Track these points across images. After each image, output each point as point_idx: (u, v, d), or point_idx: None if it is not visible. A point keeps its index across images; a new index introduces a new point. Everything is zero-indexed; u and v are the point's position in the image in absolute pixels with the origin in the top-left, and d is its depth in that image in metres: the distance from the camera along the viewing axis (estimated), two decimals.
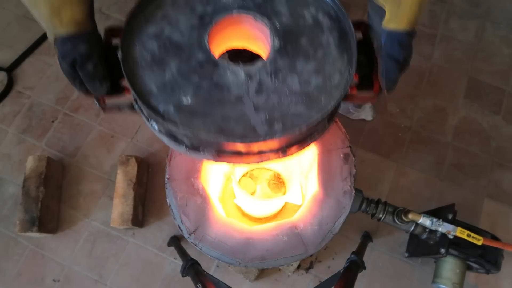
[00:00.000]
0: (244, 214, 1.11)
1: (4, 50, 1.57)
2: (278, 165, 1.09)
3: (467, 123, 1.43)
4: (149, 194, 1.34)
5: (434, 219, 0.87)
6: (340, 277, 0.84)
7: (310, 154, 0.89)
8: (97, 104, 0.59)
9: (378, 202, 0.91)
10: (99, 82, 0.54)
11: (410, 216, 0.87)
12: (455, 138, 1.40)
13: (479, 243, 0.88)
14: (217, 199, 1.00)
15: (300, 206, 0.88)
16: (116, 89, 0.58)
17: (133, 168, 1.26)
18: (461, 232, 0.87)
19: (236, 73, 0.54)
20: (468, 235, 0.87)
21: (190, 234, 0.78)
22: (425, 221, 0.88)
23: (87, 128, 1.43)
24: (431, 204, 1.30)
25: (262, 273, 1.22)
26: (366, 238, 1.22)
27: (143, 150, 1.40)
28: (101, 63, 0.54)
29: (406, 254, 1.16)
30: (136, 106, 0.59)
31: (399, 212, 0.90)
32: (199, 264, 0.91)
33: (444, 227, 0.87)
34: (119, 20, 1.62)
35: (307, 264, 1.24)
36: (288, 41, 0.55)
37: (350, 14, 0.57)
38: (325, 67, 0.55)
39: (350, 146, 0.82)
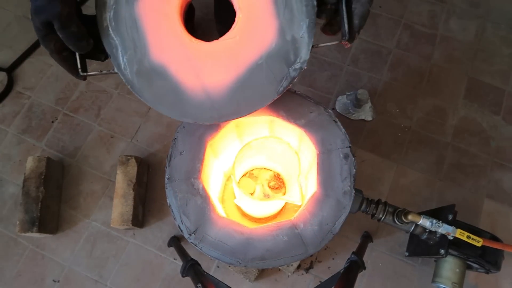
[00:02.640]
0: (244, 214, 1.11)
1: (4, 50, 1.57)
2: (278, 165, 1.09)
3: (467, 123, 1.43)
4: (149, 194, 1.34)
5: (434, 221, 0.87)
6: (340, 277, 0.84)
7: (310, 154, 0.89)
8: (78, 69, 0.60)
9: (378, 202, 0.91)
10: (85, 40, 0.55)
11: (410, 217, 0.87)
12: (455, 138, 1.40)
13: (479, 244, 0.88)
14: (217, 199, 1.00)
15: (300, 206, 0.88)
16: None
17: (133, 168, 1.27)
18: (461, 234, 0.87)
19: None
20: (468, 237, 0.87)
21: (190, 235, 0.78)
22: (425, 222, 0.88)
23: (87, 128, 1.43)
24: (431, 204, 1.30)
25: (262, 273, 1.22)
26: (366, 238, 1.22)
27: (143, 150, 1.40)
28: (80, 20, 0.54)
29: (406, 254, 1.17)
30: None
31: (399, 213, 0.90)
32: (199, 264, 0.91)
33: (443, 229, 0.87)
34: None
35: (307, 264, 1.24)
36: None
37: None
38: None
39: (350, 146, 0.82)
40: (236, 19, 0.63)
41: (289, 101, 0.87)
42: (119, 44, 0.62)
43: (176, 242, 1.21)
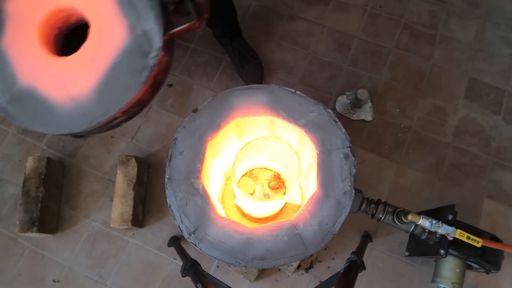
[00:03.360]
0: (244, 214, 1.11)
1: None
2: (278, 165, 1.09)
3: (467, 123, 1.43)
4: (149, 194, 1.34)
5: (434, 221, 0.87)
6: (340, 277, 0.84)
7: (310, 154, 0.89)
8: None
9: (378, 202, 0.90)
10: None
11: (410, 217, 0.87)
12: (455, 138, 1.40)
13: (479, 245, 0.87)
14: (217, 199, 1.00)
15: (300, 206, 0.88)
16: None
17: (133, 169, 1.26)
18: (460, 234, 0.87)
19: None
20: (468, 237, 0.87)
21: (190, 234, 0.78)
22: (425, 222, 0.87)
23: None
24: (431, 204, 1.30)
25: (262, 273, 1.22)
26: (366, 238, 1.22)
27: (143, 150, 1.40)
28: None
29: (406, 253, 1.16)
30: None
31: (398, 213, 0.90)
32: (199, 264, 0.91)
33: (443, 229, 0.87)
34: None
35: (307, 264, 1.24)
36: None
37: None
38: None
39: (350, 146, 0.82)
40: (89, 30, 0.72)
41: (289, 101, 0.87)
42: None
43: (176, 242, 1.21)
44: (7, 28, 0.74)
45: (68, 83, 0.71)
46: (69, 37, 0.78)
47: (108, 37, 0.72)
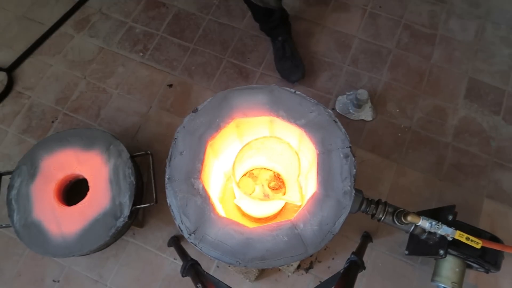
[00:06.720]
0: (244, 215, 1.11)
1: (4, 50, 1.57)
2: (278, 165, 1.09)
3: (467, 123, 1.43)
4: (149, 194, 1.34)
5: (433, 222, 0.87)
6: (340, 277, 0.84)
7: (310, 154, 0.89)
8: None
9: (378, 202, 0.90)
10: None
11: (409, 218, 0.87)
12: (455, 138, 1.40)
13: (478, 246, 0.87)
14: (217, 199, 1.00)
15: (300, 206, 0.88)
16: None
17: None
18: (460, 236, 0.87)
19: None
20: (467, 238, 0.87)
21: (190, 234, 0.78)
22: (424, 223, 0.87)
23: None
24: (431, 204, 1.30)
25: (262, 273, 1.22)
26: (366, 238, 1.22)
27: (143, 150, 1.39)
28: None
29: (406, 252, 1.16)
30: None
31: (398, 214, 0.90)
32: (199, 264, 0.91)
33: (443, 230, 0.87)
34: (119, 21, 1.62)
35: (307, 264, 1.24)
36: None
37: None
38: None
39: (350, 146, 0.82)
40: (88, 193, 1.10)
41: (289, 101, 0.87)
42: (16, 208, 1.09)
43: (176, 242, 1.21)
44: (37, 178, 1.12)
45: (63, 224, 1.07)
46: (73, 184, 1.19)
47: (97, 201, 1.09)
